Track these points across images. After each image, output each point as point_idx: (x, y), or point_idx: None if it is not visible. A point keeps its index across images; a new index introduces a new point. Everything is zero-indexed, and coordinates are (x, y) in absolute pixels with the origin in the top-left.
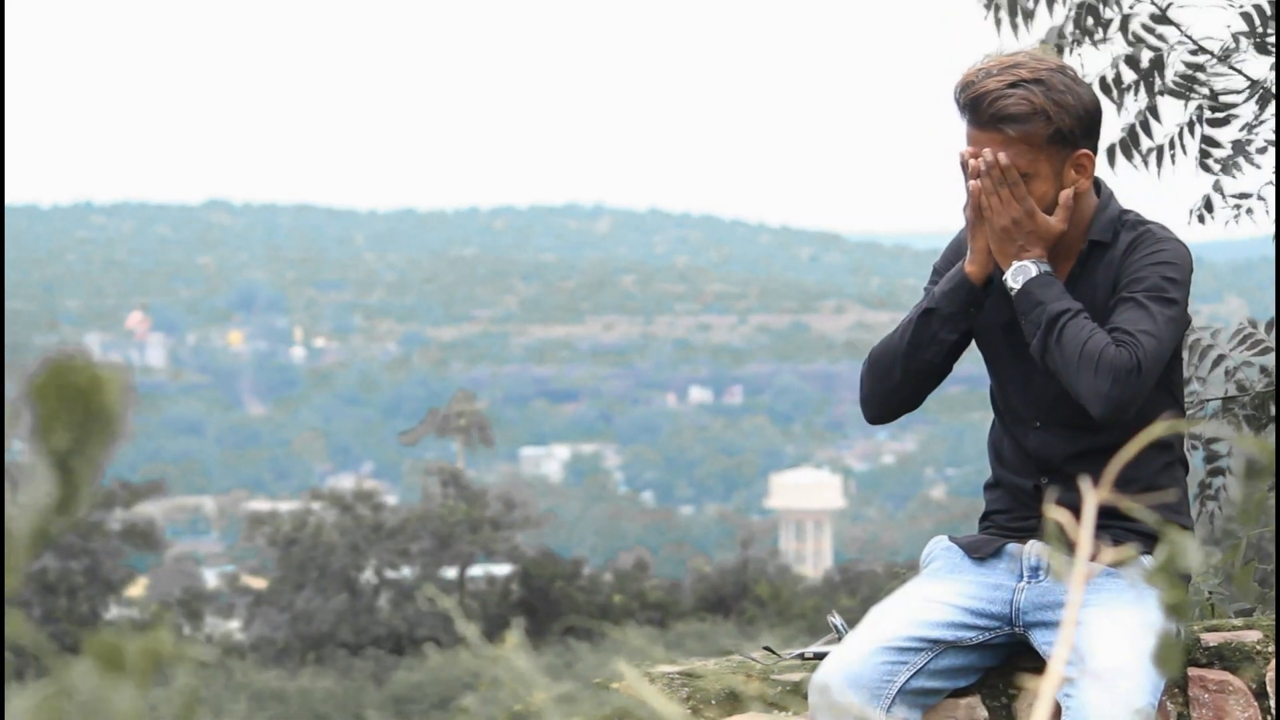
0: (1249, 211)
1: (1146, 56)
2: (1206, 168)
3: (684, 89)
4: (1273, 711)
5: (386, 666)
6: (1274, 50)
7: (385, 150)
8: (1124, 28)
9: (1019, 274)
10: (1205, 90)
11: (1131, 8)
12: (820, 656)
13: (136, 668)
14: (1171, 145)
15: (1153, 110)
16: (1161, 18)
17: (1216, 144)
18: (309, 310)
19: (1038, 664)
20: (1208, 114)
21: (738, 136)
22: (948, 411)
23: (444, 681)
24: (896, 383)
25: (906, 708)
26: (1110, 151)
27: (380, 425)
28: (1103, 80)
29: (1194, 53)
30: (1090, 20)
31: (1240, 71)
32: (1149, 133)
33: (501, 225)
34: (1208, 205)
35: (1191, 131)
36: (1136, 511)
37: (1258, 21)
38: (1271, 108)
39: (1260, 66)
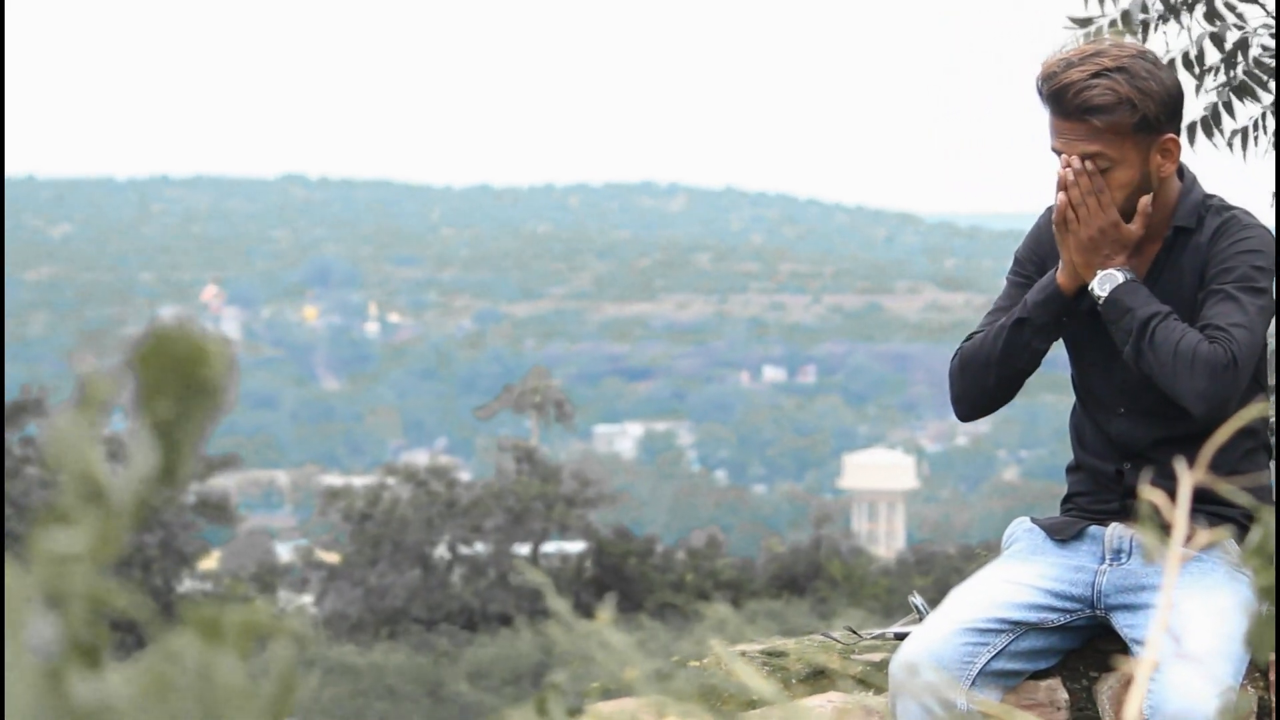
0: None
1: (1231, 37)
2: None
3: (761, 68)
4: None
5: (460, 642)
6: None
7: (462, 126)
8: (1208, 5)
9: (1105, 282)
10: None
11: None
12: (901, 637)
13: (236, 640)
14: (1255, 127)
15: (1236, 90)
16: None
17: None
18: (384, 285)
19: (1119, 647)
20: None
21: (814, 116)
22: (1022, 393)
23: (517, 657)
24: (990, 386)
25: (987, 689)
26: (1190, 130)
27: (454, 401)
28: (1185, 56)
29: (1276, 35)
30: None
31: None
32: (1232, 114)
33: (577, 202)
34: None
35: (1275, 113)
36: (1230, 494)
37: None
38: None
39: None
